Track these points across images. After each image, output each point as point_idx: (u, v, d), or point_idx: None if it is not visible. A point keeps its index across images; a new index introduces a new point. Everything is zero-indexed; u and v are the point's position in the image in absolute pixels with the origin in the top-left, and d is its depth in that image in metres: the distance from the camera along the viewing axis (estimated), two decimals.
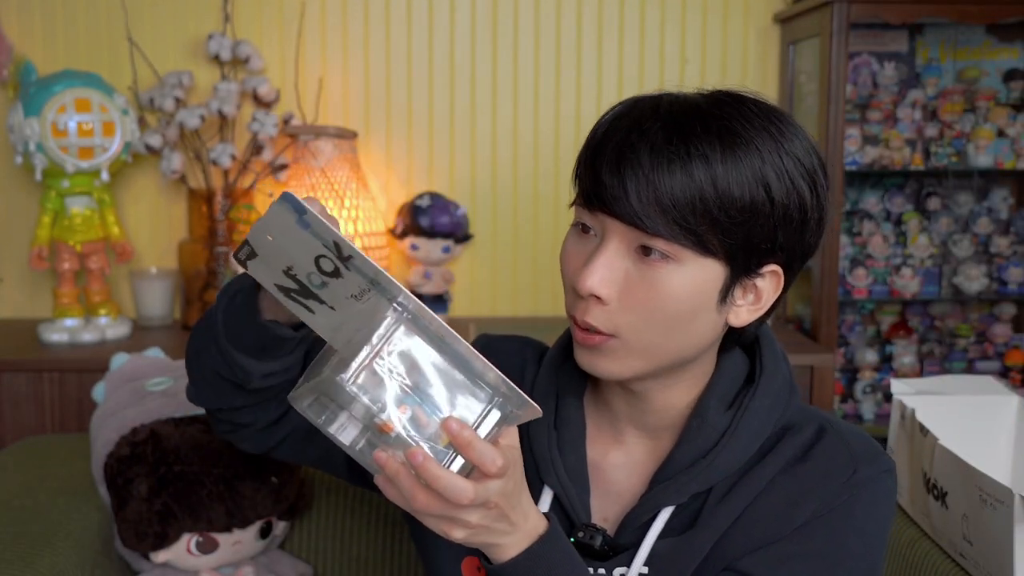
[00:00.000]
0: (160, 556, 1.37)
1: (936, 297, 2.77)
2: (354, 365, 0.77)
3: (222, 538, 1.38)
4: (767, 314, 0.95)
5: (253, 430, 1.06)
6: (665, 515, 0.95)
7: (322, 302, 0.81)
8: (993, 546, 1.17)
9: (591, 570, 0.95)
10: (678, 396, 0.97)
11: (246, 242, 0.82)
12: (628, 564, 0.95)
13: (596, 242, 0.89)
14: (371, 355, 0.77)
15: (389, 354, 0.77)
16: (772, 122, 0.88)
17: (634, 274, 0.88)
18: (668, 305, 0.87)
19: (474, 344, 1.10)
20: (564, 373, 1.03)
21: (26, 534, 1.34)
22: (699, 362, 0.95)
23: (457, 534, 0.81)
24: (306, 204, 0.74)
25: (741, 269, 0.89)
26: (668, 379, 0.95)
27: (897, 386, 1.49)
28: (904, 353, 2.76)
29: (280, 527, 1.47)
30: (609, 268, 0.88)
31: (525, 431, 1.01)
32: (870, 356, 2.75)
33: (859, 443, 0.95)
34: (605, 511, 0.99)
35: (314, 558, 1.54)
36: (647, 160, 0.84)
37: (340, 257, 0.75)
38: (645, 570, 0.95)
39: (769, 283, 0.91)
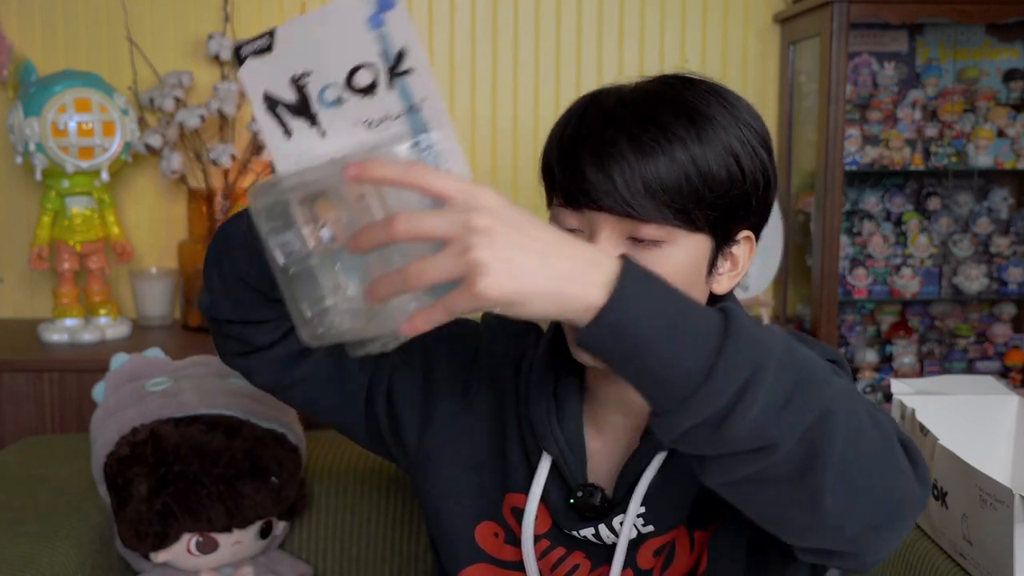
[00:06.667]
0: (160, 556, 1.37)
1: (936, 297, 2.76)
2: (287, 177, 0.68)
3: (222, 538, 1.38)
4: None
5: (270, 358, 1.01)
6: (658, 461, 0.97)
7: (313, 124, 0.71)
8: (993, 546, 1.17)
9: (591, 529, 0.99)
10: None
11: (270, 33, 0.70)
12: (624, 510, 0.97)
13: (585, 238, 0.91)
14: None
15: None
16: (722, 96, 0.93)
17: None
18: None
19: (482, 320, 1.13)
20: (567, 349, 1.03)
21: (26, 534, 1.34)
22: None
23: (480, 253, 0.70)
24: None
25: (722, 238, 0.93)
26: None
27: (897, 386, 1.49)
28: (904, 353, 2.75)
29: (280, 527, 1.47)
30: None
31: (524, 401, 1.03)
32: (870, 356, 2.75)
33: None
34: (599, 480, 1.01)
35: (314, 558, 1.54)
36: (629, 151, 0.88)
37: (392, 70, 0.67)
38: (642, 510, 0.97)
39: (743, 248, 0.97)
